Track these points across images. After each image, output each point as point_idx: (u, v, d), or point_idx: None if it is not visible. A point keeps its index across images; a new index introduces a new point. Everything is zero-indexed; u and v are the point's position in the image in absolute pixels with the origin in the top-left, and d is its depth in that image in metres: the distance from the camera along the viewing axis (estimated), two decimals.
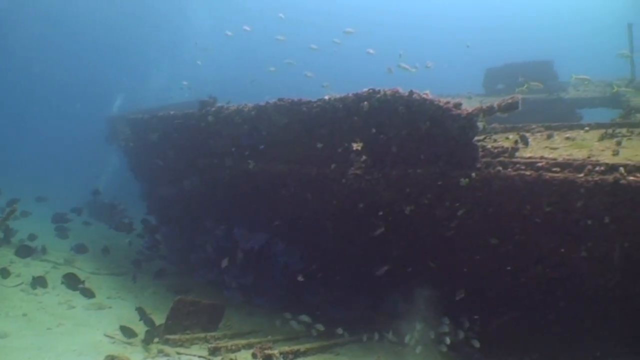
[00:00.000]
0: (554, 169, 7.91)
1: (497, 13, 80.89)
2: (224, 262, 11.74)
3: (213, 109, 11.63)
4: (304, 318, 10.36)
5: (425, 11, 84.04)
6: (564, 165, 7.92)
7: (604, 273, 8.30)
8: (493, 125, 11.01)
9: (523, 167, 8.12)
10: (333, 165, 9.70)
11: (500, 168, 8.23)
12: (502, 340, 9.41)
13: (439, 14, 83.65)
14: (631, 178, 7.35)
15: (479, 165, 8.37)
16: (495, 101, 8.48)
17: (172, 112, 13.11)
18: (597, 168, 7.65)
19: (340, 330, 10.39)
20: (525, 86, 14.92)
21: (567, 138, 9.93)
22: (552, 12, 78.82)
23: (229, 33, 26.33)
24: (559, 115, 16.59)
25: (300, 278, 10.87)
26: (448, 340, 9.17)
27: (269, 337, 10.32)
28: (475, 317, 9.46)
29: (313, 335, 10.34)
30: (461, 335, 9.31)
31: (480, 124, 8.44)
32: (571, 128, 10.98)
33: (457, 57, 50.28)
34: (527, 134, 9.84)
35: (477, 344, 9.21)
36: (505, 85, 19.70)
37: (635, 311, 8.39)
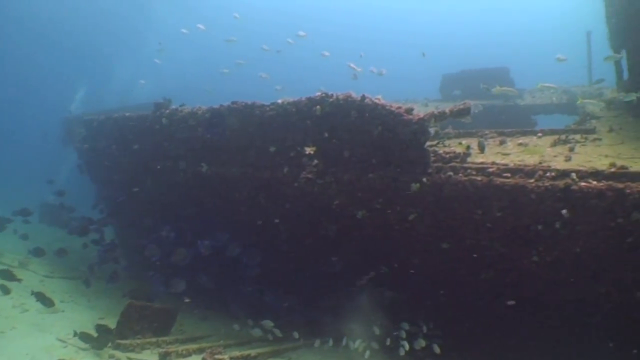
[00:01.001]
0: (505, 175, 7.97)
1: (457, 24, 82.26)
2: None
3: (167, 111, 11.49)
4: (267, 324, 10.27)
5: (386, 23, 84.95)
6: (515, 171, 7.99)
7: (555, 277, 8.38)
8: (447, 130, 11.07)
9: (474, 173, 8.18)
10: (285, 169, 9.66)
11: (451, 173, 8.28)
12: (454, 344, 9.45)
13: (400, 27, 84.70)
14: (583, 184, 7.44)
15: (430, 170, 8.41)
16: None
17: (126, 114, 12.92)
18: (547, 174, 7.73)
19: (296, 335, 10.34)
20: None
21: (520, 144, 10.02)
22: (509, 21, 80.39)
23: (185, 31, 26.25)
24: (515, 121, 16.76)
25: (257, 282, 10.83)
26: (407, 345, 9.14)
27: (221, 342, 10.22)
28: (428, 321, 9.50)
29: (269, 339, 10.26)
30: (421, 341, 9.27)
31: (432, 129, 8.49)
32: (524, 134, 11.08)
33: (416, 65, 50.72)
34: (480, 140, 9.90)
35: (437, 349, 9.20)
36: (462, 91, 19.86)
37: (588, 315, 8.49)
